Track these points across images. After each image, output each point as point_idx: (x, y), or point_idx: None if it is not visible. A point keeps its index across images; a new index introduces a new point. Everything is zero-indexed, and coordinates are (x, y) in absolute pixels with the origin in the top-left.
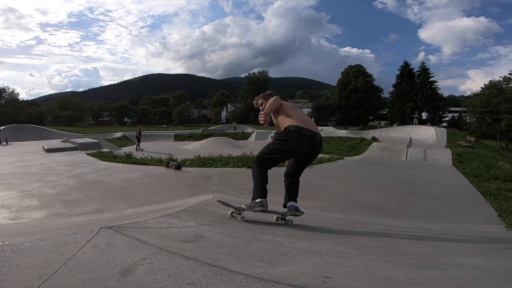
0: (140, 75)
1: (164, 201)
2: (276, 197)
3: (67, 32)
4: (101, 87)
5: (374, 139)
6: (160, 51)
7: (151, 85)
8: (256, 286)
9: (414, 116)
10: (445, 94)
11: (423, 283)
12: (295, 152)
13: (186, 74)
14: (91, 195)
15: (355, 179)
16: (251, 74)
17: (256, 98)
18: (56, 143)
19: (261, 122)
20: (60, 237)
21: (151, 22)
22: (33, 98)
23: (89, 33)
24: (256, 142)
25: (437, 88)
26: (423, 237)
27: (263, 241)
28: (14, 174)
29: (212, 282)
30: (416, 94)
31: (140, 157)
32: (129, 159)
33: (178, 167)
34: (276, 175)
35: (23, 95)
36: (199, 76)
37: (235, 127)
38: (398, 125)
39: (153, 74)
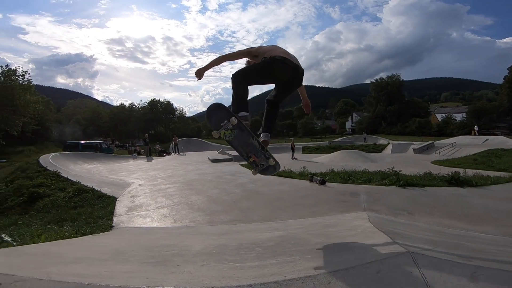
0: (266, 90)
1: (318, 215)
2: (443, 219)
3: (208, 55)
4: None
5: None
6: None
7: None
8: None
9: None
10: None
11: None
12: (276, 78)
13: (305, 85)
14: (257, 203)
15: None
16: (378, 80)
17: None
18: (215, 154)
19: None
20: (387, 260)
21: (267, 38)
22: (192, 115)
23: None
24: (392, 155)
25: None
26: None
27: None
28: (197, 181)
29: None
30: None
31: (282, 170)
32: None
33: (322, 182)
34: (442, 196)
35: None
36: (318, 87)
37: (365, 138)
38: None
39: None
